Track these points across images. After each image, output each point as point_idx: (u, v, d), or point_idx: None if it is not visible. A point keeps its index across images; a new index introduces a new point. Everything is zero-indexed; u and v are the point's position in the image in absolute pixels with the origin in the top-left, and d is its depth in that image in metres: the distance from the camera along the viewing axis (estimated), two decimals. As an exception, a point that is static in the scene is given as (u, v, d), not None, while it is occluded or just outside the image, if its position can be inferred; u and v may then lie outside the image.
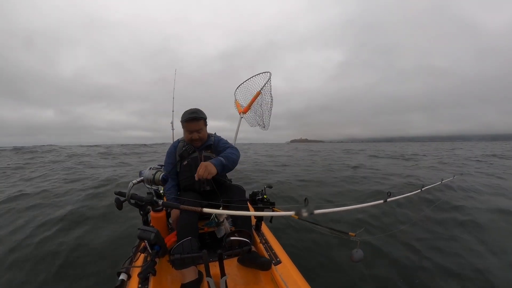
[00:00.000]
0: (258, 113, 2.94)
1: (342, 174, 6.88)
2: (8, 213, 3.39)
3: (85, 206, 3.58)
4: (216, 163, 1.49)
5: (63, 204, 3.73)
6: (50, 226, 2.85)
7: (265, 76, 2.80)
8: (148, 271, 1.00)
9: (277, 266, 1.26)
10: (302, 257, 2.12)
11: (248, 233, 1.30)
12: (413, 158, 13.09)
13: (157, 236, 1.08)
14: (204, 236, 1.62)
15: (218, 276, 1.01)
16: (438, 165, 9.69)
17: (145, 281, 1.05)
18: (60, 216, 3.11)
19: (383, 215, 3.12)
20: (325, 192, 4.77)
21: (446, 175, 5.57)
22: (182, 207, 1.23)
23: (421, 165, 9.88)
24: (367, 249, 2.19)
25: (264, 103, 2.85)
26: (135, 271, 1.08)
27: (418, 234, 2.60)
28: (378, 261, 2.08)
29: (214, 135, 1.97)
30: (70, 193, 4.48)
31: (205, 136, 1.84)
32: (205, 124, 1.82)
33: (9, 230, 2.79)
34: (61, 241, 2.48)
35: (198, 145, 1.83)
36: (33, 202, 3.84)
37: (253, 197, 2.18)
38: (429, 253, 2.25)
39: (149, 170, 1.41)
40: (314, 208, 1.02)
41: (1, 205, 3.70)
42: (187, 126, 1.75)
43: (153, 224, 1.37)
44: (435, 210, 3.30)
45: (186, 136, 1.79)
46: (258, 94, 2.83)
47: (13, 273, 2.02)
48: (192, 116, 1.71)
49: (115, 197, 1.22)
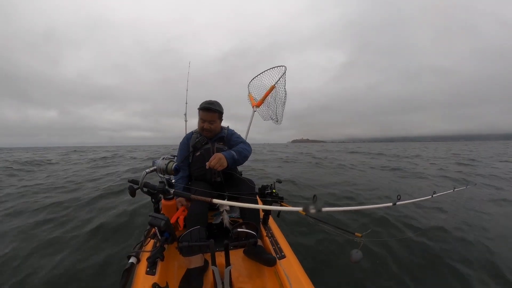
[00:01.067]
0: (271, 107, 2.91)
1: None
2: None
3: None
4: (228, 156, 1.54)
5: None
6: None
7: (280, 70, 2.75)
8: (157, 256, 1.05)
9: (281, 261, 1.28)
10: (307, 254, 2.13)
11: (255, 225, 1.32)
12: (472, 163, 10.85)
13: (167, 224, 1.13)
14: (212, 226, 1.67)
15: (223, 266, 1.04)
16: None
17: (153, 265, 1.11)
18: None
19: (392, 218, 3.03)
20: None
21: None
22: (193, 197, 1.27)
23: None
24: (373, 251, 2.16)
25: (278, 97, 2.81)
26: (144, 255, 1.14)
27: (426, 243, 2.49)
28: (381, 264, 2.04)
29: (227, 128, 2.00)
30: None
31: (217, 128, 1.86)
32: (219, 118, 1.84)
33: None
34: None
35: (208, 136, 1.86)
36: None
37: (262, 191, 2.21)
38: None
39: (162, 160, 1.47)
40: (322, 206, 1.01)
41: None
42: (201, 114, 1.79)
43: (164, 211, 1.44)
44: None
45: (199, 124, 1.83)
46: (272, 88, 2.79)
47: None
48: (207, 106, 1.74)
49: (129, 185, 1.28)
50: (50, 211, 3.50)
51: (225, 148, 1.85)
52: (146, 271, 1.10)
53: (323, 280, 1.79)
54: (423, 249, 2.30)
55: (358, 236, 1.23)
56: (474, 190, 4.81)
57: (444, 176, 7.07)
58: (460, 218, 3.22)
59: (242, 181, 1.76)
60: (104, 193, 4.48)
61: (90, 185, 5.52)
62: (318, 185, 5.46)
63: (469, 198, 4.27)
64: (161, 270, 1.14)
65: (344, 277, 1.86)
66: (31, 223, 2.99)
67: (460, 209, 3.66)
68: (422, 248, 2.31)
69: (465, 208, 3.69)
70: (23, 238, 2.59)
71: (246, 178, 1.82)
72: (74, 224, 2.97)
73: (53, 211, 3.50)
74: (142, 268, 1.11)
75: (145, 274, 1.09)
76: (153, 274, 1.10)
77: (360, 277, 1.86)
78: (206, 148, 1.84)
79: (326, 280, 1.81)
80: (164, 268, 1.19)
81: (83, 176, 7.07)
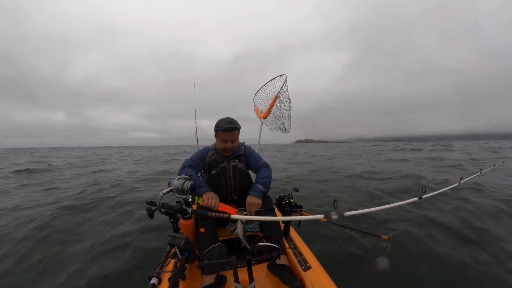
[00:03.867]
0: (278, 117, 2.94)
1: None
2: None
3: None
4: (259, 195, 1.61)
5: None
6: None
7: (280, 79, 2.80)
8: (178, 276, 1.04)
9: (306, 272, 1.21)
10: (333, 262, 1.99)
11: (277, 238, 1.27)
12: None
13: (186, 243, 1.13)
14: (232, 242, 1.64)
15: (247, 282, 1.01)
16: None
17: (175, 286, 1.10)
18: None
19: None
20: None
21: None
22: (211, 214, 1.27)
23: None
24: (403, 252, 1.99)
25: (283, 106, 2.84)
26: (165, 276, 1.13)
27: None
28: (413, 267, 1.88)
29: (243, 144, 1.98)
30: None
31: (237, 146, 1.85)
32: (238, 134, 1.83)
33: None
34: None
35: (229, 155, 1.84)
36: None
37: (279, 202, 2.15)
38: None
39: (177, 180, 1.49)
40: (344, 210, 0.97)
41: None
42: (222, 135, 1.76)
43: (183, 231, 1.44)
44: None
45: (220, 145, 1.81)
46: (276, 97, 2.83)
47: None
48: (229, 126, 1.73)
49: (147, 207, 1.31)
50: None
51: (241, 166, 1.85)
52: None
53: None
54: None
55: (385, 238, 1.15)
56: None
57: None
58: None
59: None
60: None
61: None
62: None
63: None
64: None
65: (377, 284, 1.73)
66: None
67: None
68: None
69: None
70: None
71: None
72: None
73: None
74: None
75: None
76: None
77: (394, 284, 1.71)
78: (222, 167, 1.82)
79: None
80: (186, 287, 1.17)
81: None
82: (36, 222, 3.10)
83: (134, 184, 6.18)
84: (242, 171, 1.84)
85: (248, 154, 1.92)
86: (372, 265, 1.05)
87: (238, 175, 1.82)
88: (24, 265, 2.18)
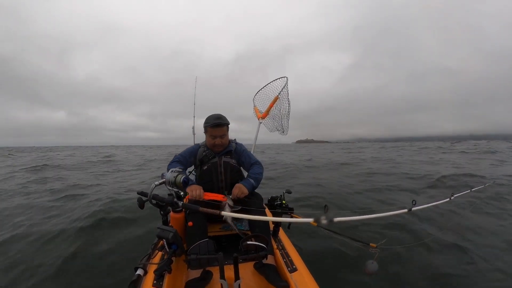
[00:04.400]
0: (276, 118, 2.95)
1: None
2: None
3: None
4: (248, 186, 1.67)
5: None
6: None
7: (282, 81, 2.81)
8: (164, 269, 1.04)
9: (292, 274, 1.22)
10: (319, 266, 2.01)
11: (265, 238, 1.28)
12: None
13: (175, 236, 1.13)
14: (221, 238, 1.64)
15: (232, 279, 1.01)
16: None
17: (160, 278, 1.09)
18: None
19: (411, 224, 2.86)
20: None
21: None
22: (202, 210, 1.27)
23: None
24: (389, 261, 2.02)
25: (283, 108, 2.85)
26: (151, 268, 1.13)
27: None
28: (400, 275, 1.92)
29: (235, 141, 2.02)
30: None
31: (227, 142, 1.88)
32: (227, 130, 1.87)
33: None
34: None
35: (219, 151, 1.87)
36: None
37: (271, 202, 2.15)
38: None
39: (170, 172, 1.48)
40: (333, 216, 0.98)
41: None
42: (211, 131, 1.79)
43: (172, 224, 1.43)
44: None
45: (209, 141, 1.84)
46: (276, 99, 2.84)
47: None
48: (217, 122, 1.76)
49: (138, 197, 1.30)
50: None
51: (232, 162, 1.88)
52: (153, 283, 1.08)
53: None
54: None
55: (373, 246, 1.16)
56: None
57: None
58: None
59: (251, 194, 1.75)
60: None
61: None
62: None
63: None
64: (168, 283, 1.11)
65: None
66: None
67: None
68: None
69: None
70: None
71: (254, 192, 1.81)
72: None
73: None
74: (149, 281, 1.09)
75: (152, 286, 1.07)
76: (160, 286, 1.07)
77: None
78: (213, 162, 1.84)
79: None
80: (171, 281, 1.16)
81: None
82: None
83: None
84: (233, 167, 1.88)
85: (240, 152, 1.96)
86: (362, 268, 1.07)
87: (230, 171, 1.85)
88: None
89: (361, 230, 2.74)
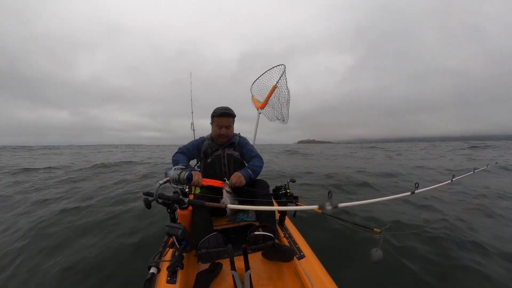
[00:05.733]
0: (276, 107, 2.91)
1: None
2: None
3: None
4: (246, 176, 1.70)
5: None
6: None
7: (279, 69, 2.74)
8: (176, 265, 1.07)
9: (300, 261, 1.26)
10: (326, 252, 2.04)
11: (272, 227, 1.31)
12: None
13: (184, 232, 1.15)
14: (228, 231, 1.68)
15: (243, 270, 1.04)
16: None
17: (173, 274, 1.13)
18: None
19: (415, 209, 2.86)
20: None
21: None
22: (207, 204, 1.28)
23: None
24: (394, 246, 2.05)
25: (282, 96, 2.81)
26: (164, 265, 1.17)
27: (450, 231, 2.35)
28: (404, 260, 1.92)
29: (239, 135, 2.06)
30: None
31: (231, 133, 1.93)
32: (233, 122, 1.92)
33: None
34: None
35: (223, 141, 1.91)
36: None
37: (276, 192, 2.18)
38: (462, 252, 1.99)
39: (174, 170, 1.49)
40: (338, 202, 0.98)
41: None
42: (218, 120, 1.84)
43: (180, 221, 1.46)
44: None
45: (215, 131, 1.88)
46: (274, 88, 2.79)
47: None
48: (224, 112, 1.82)
49: (144, 197, 1.32)
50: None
51: (236, 154, 1.92)
52: (167, 280, 1.12)
53: (345, 277, 1.72)
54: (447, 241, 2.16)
55: (377, 231, 1.18)
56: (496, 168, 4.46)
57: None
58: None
59: (256, 184, 1.77)
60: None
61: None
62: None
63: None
64: (182, 278, 1.15)
65: (364, 275, 1.78)
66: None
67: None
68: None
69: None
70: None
71: (260, 180, 1.83)
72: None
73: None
74: (163, 278, 1.13)
75: (166, 283, 1.11)
76: (174, 282, 1.11)
77: (382, 275, 1.77)
78: (217, 155, 1.89)
79: (348, 277, 1.74)
80: (184, 276, 1.21)
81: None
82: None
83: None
84: (237, 159, 1.92)
85: (243, 144, 2.00)
86: (367, 256, 1.08)
87: (233, 163, 1.90)
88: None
89: (365, 217, 2.76)
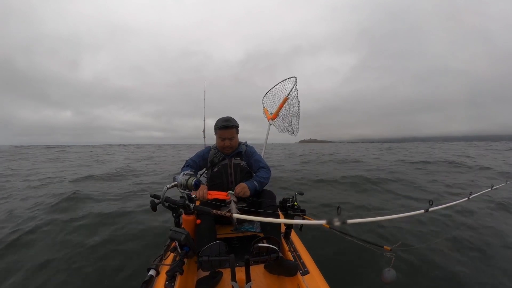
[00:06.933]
0: (286, 119, 2.92)
1: None
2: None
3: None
4: (251, 188, 1.67)
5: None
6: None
7: (291, 82, 2.78)
8: (176, 270, 1.05)
9: (304, 276, 1.20)
10: (332, 269, 1.96)
11: (277, 240, 1.27)
12: None
13: (187, 238, 1.14)
14: (232, 240, 1.65)
15: (243, 282, 1.01)
16: None
17: (172, 279, 1.11)
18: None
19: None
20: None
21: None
22: (213, 212, 1.28)
23: None
24: (406, 265, 1.92)
25: (292, 108, 2.83)
26: (163, 269, 1.15)
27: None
28: (417, 279, 1.80)
29: (246, 143, 2.05)
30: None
31: (236, 143, 1.92)
32: (237, 132, 1.91)
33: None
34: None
35: (228, 152, 1.91)
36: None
37: (283, 204, 2.14)
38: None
39: (182, 175, 1.51)
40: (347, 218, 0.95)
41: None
42: (220, 133, 1.85)
43: (184, 226, 1.45)
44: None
45: (219, 142, 1.89)
46: (285, 99, 2.82)
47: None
48: (225, 124, 1.82)
49: (150, 200, 1.34)
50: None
51: (242, 163, 1.91)
52: (165, 284, 1.10)
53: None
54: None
55: (387, 249, 1.11)
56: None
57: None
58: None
59: (263, 194, 1.75)
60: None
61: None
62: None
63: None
64: (180, 284, 1.13)
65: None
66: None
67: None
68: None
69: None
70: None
71: (267, 190, 1.80)
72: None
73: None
74: (161, 281, 1.12)
75: (164, 287, 1.09)
76: (171, 287, 1.09)
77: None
78: (224, 164, 1.89)
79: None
80: (183, 282, 1.18)
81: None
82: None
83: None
84: (243, 168, 1.91)
85: (250, 154, 1.98)
86: (380, 277, 1.02)
87: (240, 172, 1.89)
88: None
89: (375, 232, 2.63)
